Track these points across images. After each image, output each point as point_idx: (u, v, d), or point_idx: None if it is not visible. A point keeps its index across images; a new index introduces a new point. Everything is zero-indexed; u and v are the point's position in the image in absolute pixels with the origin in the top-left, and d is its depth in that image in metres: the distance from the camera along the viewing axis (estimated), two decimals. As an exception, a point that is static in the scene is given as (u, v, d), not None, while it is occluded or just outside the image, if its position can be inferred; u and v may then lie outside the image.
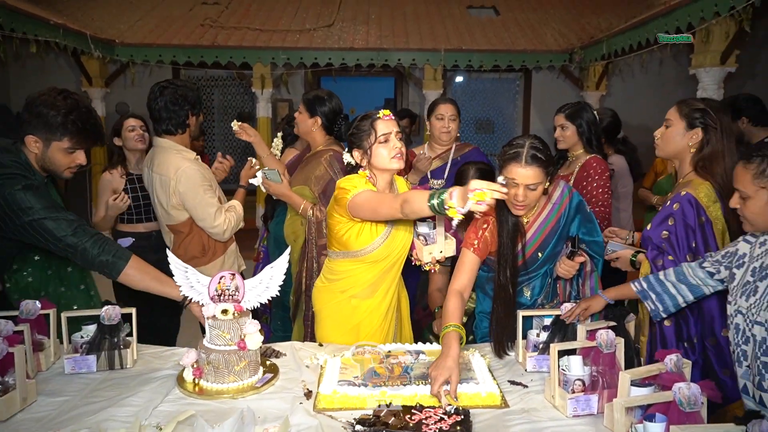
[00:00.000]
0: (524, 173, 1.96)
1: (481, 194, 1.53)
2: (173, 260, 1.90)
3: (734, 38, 4.38)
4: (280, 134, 3.67)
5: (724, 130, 2.06)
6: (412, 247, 2.26)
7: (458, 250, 2.19)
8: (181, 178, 2.59)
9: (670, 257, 2.05)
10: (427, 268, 2.25)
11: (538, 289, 2.21)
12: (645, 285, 1.96)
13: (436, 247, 2.20)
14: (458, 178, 2.62)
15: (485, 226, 2.12)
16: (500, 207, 2.06)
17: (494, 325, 2.12)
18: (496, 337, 2.09)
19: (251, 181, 2.88)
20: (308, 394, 1.76)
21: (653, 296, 1.94)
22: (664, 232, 2.08)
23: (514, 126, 8.96)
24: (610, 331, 1.70)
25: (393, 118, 2.14)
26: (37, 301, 1.98)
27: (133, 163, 3.15)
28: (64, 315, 2.00)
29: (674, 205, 2.07)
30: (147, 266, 2.04)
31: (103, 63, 7.17)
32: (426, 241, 2.22)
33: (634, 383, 1.51)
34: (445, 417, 1.53)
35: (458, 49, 7.17)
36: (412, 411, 1.57)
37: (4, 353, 1.62)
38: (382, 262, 2.21)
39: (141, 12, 8.10)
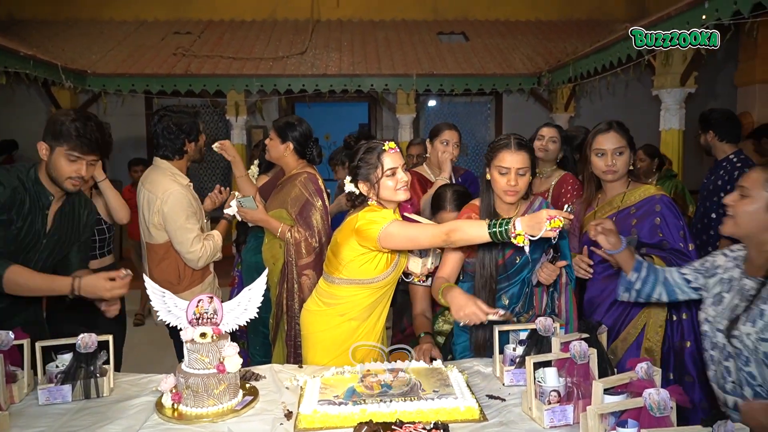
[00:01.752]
0: (515, 158, 2.12)
1: (557, 222, 1.71)
2: (149, 284, 1.90)
3: (692, 60, 4.59)
4: (256, 161, 3.71)
5: None
6: None
7: None
8: (168, 199, 2.63)
9: None
10: (416, 280, 2.36)
11: (516, 297, 2.27)
12: (645, 264, 2.03)
13: (429, 259, 2.32)
14: (435, 200, 2.67)
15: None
16: (484, 206, 2.23)
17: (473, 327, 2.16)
18: (476, 339, 2.22)
19: (226, 210, 2.87)
20: (288, 415, 1.76)
21: (642, 275, 2.02)
22: None
23: (486, 148, 9.12)
24: (583, 342, 1.74)
25: (398, 150, 2.19)
26: (11, 332, 1.94)
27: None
28: (38, 344, 1.97)
29: None
30: (29, 270, 2.07)
31: (74, 93, 7.15)
32: (420, 254, 2.33)
33: (607, 392, 1.56)
34: (425, 431, 1.55)
35: (430, 74, 7.32)
36: (392, 427, 1.58)
37: (-23, 384, 1.59)
38: (385, 287, 2.28)
39: (113, 42, 8.11)
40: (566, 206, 1.91)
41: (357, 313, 2.28)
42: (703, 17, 3.94)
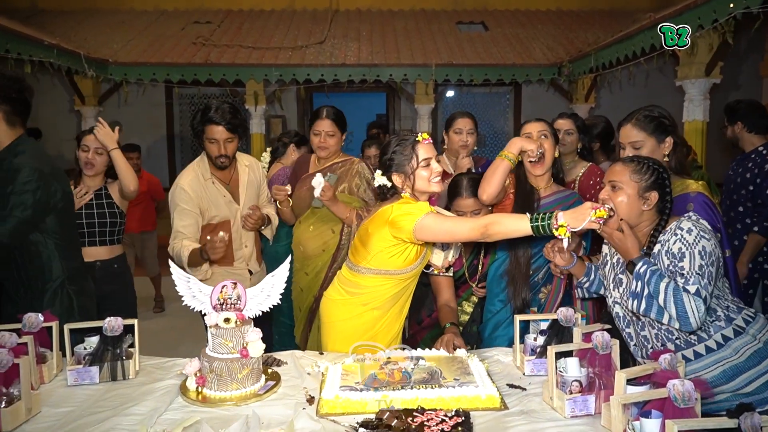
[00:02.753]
0: (538, 126, 2.44)
1: (602, 212, 1.81)
2: (175, 270, 1.93)
3: (718, 50, 4.50)
4: (269, 149, 3.75)
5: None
6: None
7: None
8: (174, 188, 2.73)
9: None
10: (436, 272, 2.38)
11: (537, 266, 2.43)
12: (593, 268, 2.17)
13: (451, 252, 2.36)
14: (452, 188, 2.67)
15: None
16: (520, 179, 2.45)
17: (511, 285, 2.41)
18: (515, 300, 2.40)
19: (313, 182, 2.70)
20: (311, 400, 1.78)
21: (591, 277, 2.18)
22: None
23: (505, 139, 9.07)
24: (605, 332, 1.74)
25: (431, 141, 2.21)
26: (40, 314, 1.99)
27: (86, 179, 3.01)
28: (66, 327, 2.02)
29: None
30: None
31: (97, 82, 7.22)
32: (443, 247, 2.36)
33: (629, 383, 1.55)
34: (447, 419, 1.56)
35: (449, 63, 7.28)
36: (414, 413, 1.59)
37: (9, 364, 1.63)
38: (410, 278, 2.30)
39: (134, 31, 8.17)
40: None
41: (380, 303, 2.29)
42: (731, 5, 3.86)
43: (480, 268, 2.63)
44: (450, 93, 9.07)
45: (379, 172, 2.23)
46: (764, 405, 1.75)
